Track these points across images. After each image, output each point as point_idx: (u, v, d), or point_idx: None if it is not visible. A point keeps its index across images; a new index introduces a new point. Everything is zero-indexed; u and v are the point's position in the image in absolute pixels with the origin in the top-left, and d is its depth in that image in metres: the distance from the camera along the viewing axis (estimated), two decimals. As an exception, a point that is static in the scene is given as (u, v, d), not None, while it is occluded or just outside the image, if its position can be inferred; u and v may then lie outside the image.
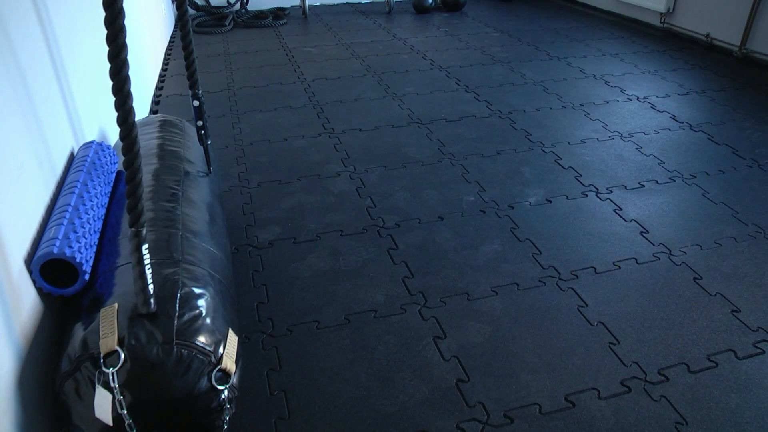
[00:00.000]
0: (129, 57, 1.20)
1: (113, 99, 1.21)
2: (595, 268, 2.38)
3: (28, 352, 1.52)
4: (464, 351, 1.98)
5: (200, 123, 2.25)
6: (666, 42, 5.54)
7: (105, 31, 1.16)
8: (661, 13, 5.82)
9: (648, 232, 2.62)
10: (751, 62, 4.89)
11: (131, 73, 1.23)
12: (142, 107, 3.81)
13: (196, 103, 2.19)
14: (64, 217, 1.67)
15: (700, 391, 1.82)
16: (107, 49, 1.17)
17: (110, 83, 1.19)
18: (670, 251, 2.49)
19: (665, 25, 5.83)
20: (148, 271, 1.41)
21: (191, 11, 6.77)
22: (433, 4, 7.08)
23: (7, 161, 1.57)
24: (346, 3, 7.61)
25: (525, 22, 6.41)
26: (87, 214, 1.77)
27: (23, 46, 1.81)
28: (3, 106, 1.60)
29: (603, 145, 3.42)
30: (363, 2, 7.65)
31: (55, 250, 1.53)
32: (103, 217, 1.91)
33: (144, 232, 1.39)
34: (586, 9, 7.06)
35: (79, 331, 1.45)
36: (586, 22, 6.38)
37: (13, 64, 1.71)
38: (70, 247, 1.58)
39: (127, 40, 1.19)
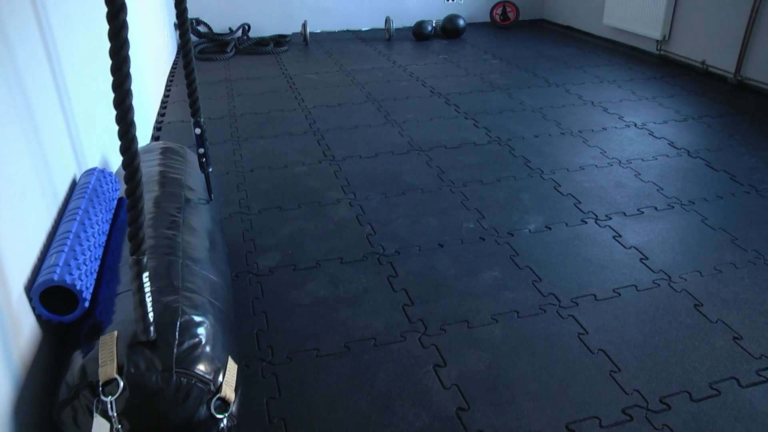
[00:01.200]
0: (132, 84, 1.22)
1: (116, 126, 1.22)
2: (595, 296, 2.38)
3: (26, 380, 1.51)
4: (464, 379, 1.97)
5: (201, 150, 2.27)
6: (663, 69, 5.60)
7: (109, 58, 1.18)
8: (657, 41, 5.89)
9: (648, 258, 2.62)
10: (746, 88, 4.94)
11: (134, 99, 1.24)
12: (144, 133, 3.83)
13: (197, 130, 2.21)
14: (65, 244, 1.68)
15: (703, 420, 1.81)
16: (111, 78, 1.19)
17: (113, 110, 1.20)
18: (670, 278, 2.49)
19: (661, 52, 5.90)
20: (148, 299, 1.42)
21: (194, 38, 6.84)
22: (433, 31, 7.16)
23: (11, 188, 1.57)
24: (347, 30, 7.69)
25: (523, 49, 6.48)
26: (88, 241, 1.78)
27: (29, 73, 1.84)
28: (8, 133, 1.61)
29: (602, 172, 3.44)
30: (363, 29, 7.74)
31: (56, 278, 1.54)
32: (104, 244, 1.91)
33: (145, 260, 1.39)
34: (583, 36, 7.14)
35: (78, 359, 1.44)
36: (583, 49, 6.45)
37: (19, 91, 1.73)
38: (71, 274, 1.58)
39: (131, 69, 1.21)
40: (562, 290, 2.41)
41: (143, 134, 3.81)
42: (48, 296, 1.61)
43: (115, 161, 2.85)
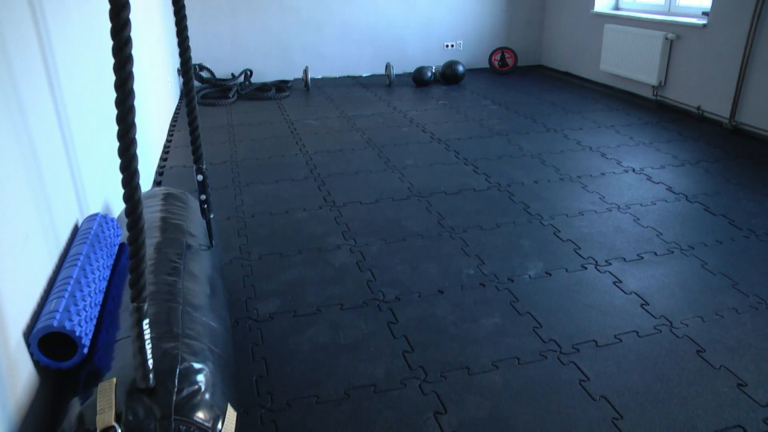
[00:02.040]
0: (136, 131, 1.24)
1: (119, 170, 1.24)
2: (596, 342, 2.37)
3: (22, 426, 1.50)
4: (465, 426, 1.95)
5: (203, 197, 2.29)
6: (659, 114, 5.68)
7: (113, 103, 1.21)
8: (654, 86, 5.98)
9: (648, 304, 2.62)
10: (740, 133, 5.00)
11: (138, 145, 1.26)
12: (146, 178, 3.87)
13: (200, 177, 2.23)
14: (66, 290, 1.68)
15: (707, 469, 1.78)
16: (116, 126, 1.21)
17: (116, 155, 1.22)
18: (672, 323, 2.48)
19: (658, 98, 5.99)
20: (148, 346, 1.41)
21: (196, 84, 6.95)
22: (433, 77, 7.27)
23: (14, 233, 1.59)
24: (348, 76, 7.82)
25: (522, 95, 6.58)
26: (89, 287, 1.78)
27: (35, 119, 1.87)
28: (13, 177, 1.63)
29: (601, 217, 3.45)
30: (364, 75, 7.86)
31: (55, 323, 1.54)
32: (104, 290, 1.91)
33: (145, 307, 1.39)
34: (581, 81, 7.25)
35: (75, 406, 1.43)
36: (581, 95, 6.54)
37: (25, 136, 1.76)
38: (70, 320, 1.58)
39: (136, 118, 1.23)
40: (563, 336, 2.40)
41: (145, 179, 3.85)
42: (47, 342, 1.61)
43: (118, 206, 2.87)
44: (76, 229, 2.16)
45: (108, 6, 1.14)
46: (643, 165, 4.29)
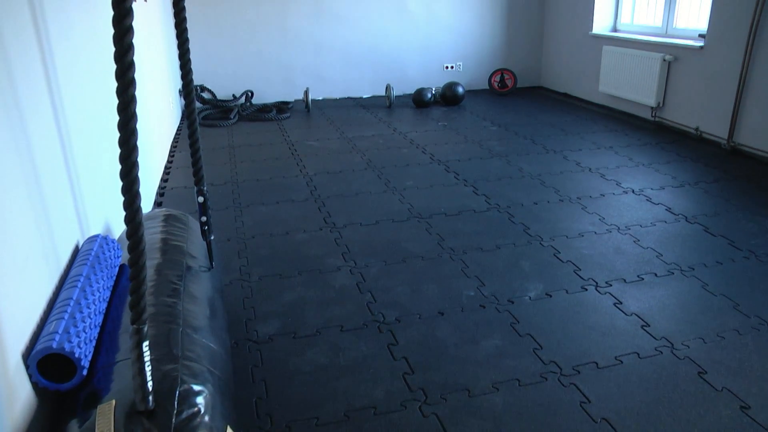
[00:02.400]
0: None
1: (119, 191, 1.25)
2: (597, 363, 2.36)
3: (21, 451, 1.49)
4: (466, 450, 1.94)
5: (204, 219, 2.29)
6: (658, 135, 5.70)
7: (116, 125, 1.22)
8: (652, 107, 6.02)
9: (649, 325, 2.61)
10: (739, 154, 5.02)
11: (139, 167, 1.27)
12: (147, 199, 3.88)
13: (200, 199, 2.24)
14: (66, 311, 1.68)
15: (710, 493, 1.77)
16: (119, 148, 1.22)
17: (117, 175, 1.23)
18: (673, 345, 2.47)
19: (656, 119, 6.02)
20: (148, 368, 1.41)
21: (198, 104, 6.99)
22: (432, 98, 7.32)
23: (15, 254, 1.59)
24: (348, 97, 7.87)
25: (521, 116, 6.61)
26: (88, 308, 1.78)
27: (38, 139, 1.88)
28: (15, 200, 1.64)
29: (601, 239, 3.46)
30: (364, 96, 7.91)
31: (55, 345, 1.54)
32: (104, 311, 1.91)
33: (145, 329, 1.39)
34: (580, 103, 7.30)
35: (74, 429, 1.43)
36: (580, 116, 6.58)
37: (28, 158, 1.77)
38: (70, 342, 1.58)
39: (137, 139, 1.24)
40: (564, 358, 2.40)
41: (146, 200, 3.86)
42: (46, 364, 1.60)
43: (118, 226, 2.87)
44: (76, 250, 2.16)
45: (111, 30, 1.15)
46: (642, 186, 4.30)
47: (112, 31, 1.15)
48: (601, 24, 6.96)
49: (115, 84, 1.18)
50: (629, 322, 2.64)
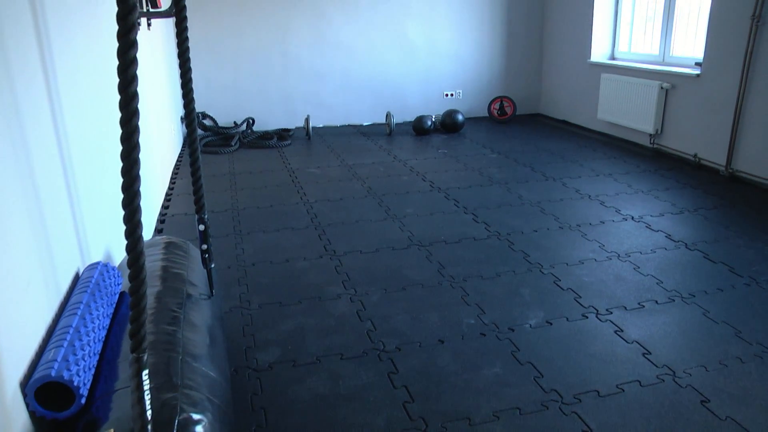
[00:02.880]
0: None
1: (121, 218, 1.25)
2: (598, 392, 2.34)
3: (17, 482, 1.48)
4: (467, 480, 1.92)
5: (204, 246, 2.30)
6: (657, 161, 5.73)
7: (119, 150, 1.23)
8: (650, 134, 6.06)
9: (650, 353, 2.60)
10: (737, 180, 5.04)
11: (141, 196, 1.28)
12: (148, 225, 3.88)
13: (201, 227, 2.25)
14: (65, 339, 1.68)
15: None
16: (120, 177, 1.23)
17: (119, 203, 1.24)
18: (675, 373, 2.46)
19: (655, 146, 6.06)
20: (147, 397, 1.40)
21: (199, 131, 7.04)
22: (432, 125, 7.37)
23: (15, 281, 1.59)
24: (349, 125, 7.92)
25: (521, 143, 6.65)
26: (88, 336, 1.78)
27: (41, 167, 1.89)
28: (17, 228, 1.64)
29: (601, 266, 3.45)
30: (365, 124, 7.96)
31: (53, 373, 1.53)
32: (103, 339, 1.91)
33: (145, 357, 1.39)
34: (579, 130, 7.34)
35: (72, 460, 1.42)
36: (579, 143, 6.62)
37: (31, 186, 1.78)
38: (69, 369, 1.57)
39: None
40: (565, 386, 2.38)
41: (147, 227, 3.86)
42: (44, 392, 1.59)
43: (119, 253, 2.88)
44: (77, 278, 2.16)
45: (116, 57, 1.17)
46: (642, 213, 4.31)
47: (116, 56, 1.16)
48: (599, 52, 7.04)
49: (119, 113, 1.19)
50: (630, 349, 2.63)
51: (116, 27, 1.15)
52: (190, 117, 2.15)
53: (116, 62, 1.17)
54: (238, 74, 7.41)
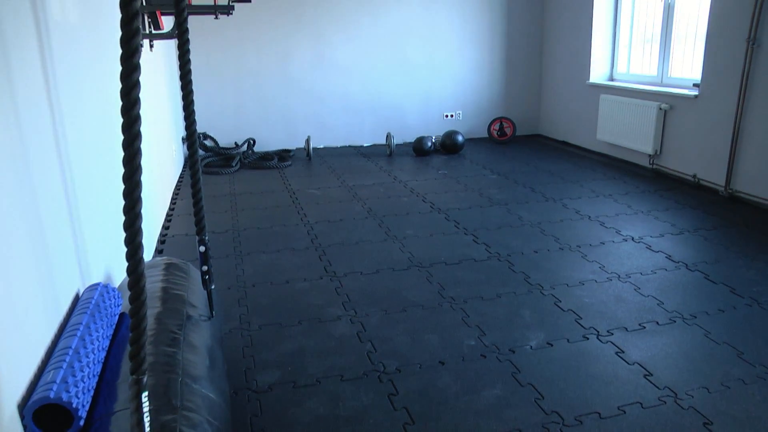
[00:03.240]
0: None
1: (121, 239, 1.26)
2: (599, 414, 2.33)
3: (14, 505, 1.47)
4: (468, 504, 1.90)
5: (205, 268, 2.30)
6: (656, 182, 5.75)
7: (120, 171, 1.23)
8: (650, 155, 6.08)
9: (652, 375, 2.59)
10: (737, 201, 5.06)
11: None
12: (148, 246, 3.89)
13: (202, 248, 2.25)
14: (64, 360, 1.67)
15: None
16: (121, 199, 1.24)
17: (119, 223, 1.24)
18: (676, 395, 2.44)
19: (654, 166, 6.08)
20: (147, 419, 1.40)
21: (200, 152, 7.07)
22: (433, 146, 7.40)
23: (15, 303, 1.59)
24: (349, 146, 7.95)
25: (521, 164, 6.67)
26: (87, 357, 1.77)
27: (43, 190, 1.90)
28: (18, 249, 1.65)
29: (601, 287, 3.45)
30: (365, 145, 8.00)
31: (52, 395, 1.52)
32: (102, 360, 1.90)
33: (145, 379, 1.38)
34: (578, 151, 7.37)
35: (70, 484, 1.41)
36: (579, 164, 6.64)
37: (33, 207, 1.78)
38: (68, 391, 1.57)
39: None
40: (566, 408, 2.37)
41: (147, 247, 3.87)
42: (42, 414, 1.59)
43: (119, 274, 2.88)
44: (77, 299, 2.16)
45: (119, 77, 1.19)
46: (642, 234, 4.31)
47: (118, 76, 1.18)
48: (598, 73, 7.09)
49: (121, 134, 1.20)
50: (631, 371, 2.62)
51: (119, 50, 1.17)
52: (192, 138, 2.16)
53: (119, 85, 1.18)
54: (240, 95, 7.46)
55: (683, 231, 4.36)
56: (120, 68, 1.17)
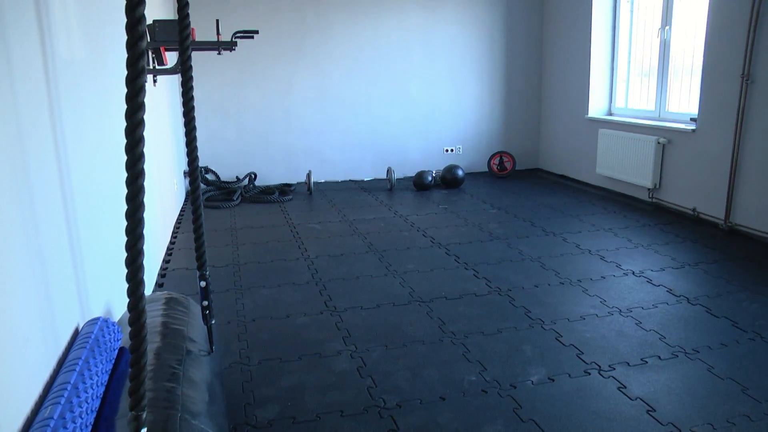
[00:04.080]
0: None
1: (122, 273, 1.26)
2: (603, 451, 2.31)
3: None
4: None
5: (205, 303, 2.30)
6: (656, 216, 5.76)
7: (122, 205, 1.24)
8: (649, 189, 6.11)
9: (655, 410, 2.56)
10: (737, 234, 5.06)
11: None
12: (148, 280, 3.88)
13: (202, 283, 2.25)
14: (62, 396, 1.66)
15: None
16: (123, 232, 1.25)
17: (120, 257, 1.25)
18: (680, 431, 2.42)
19: (654, 200, 6.10)
20: (145, 457, 1.39)
21: (201, 185, 7.09)
22: (433, 181, 7.43)
23: (14, 338, 1.59)
24: (350, 180, 7.99)
25: (521, 198, 6.70)
26: (86, 392, 1.76)
27: (46, 225, 1.91)
28: (20, 284, 1.65)
29: (603, 321, 3.44)
30: (366, 179, 8.04)
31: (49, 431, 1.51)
32: (101, 396, 1.89)
33: (144, 415, 1.38)
34: (578, 185, 7.40)
35: None
36: (579, 198, 6.66)
37: (36, 242, 1.79)
38: (65, 427, 1.55)
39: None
40: (569, 445, 2.35)
41: (148, 281, 3.86)
42: (39, 452, 1.57)
43: (119, 308, 2.87)
44: (76, 333, 2.16)
45: (122, 115, 1.20)
46: (642, 268, 4.31)
47: (122, 114, 1.19)
48: (596, 108, 7.16)
49: (123, 170, 1.22)
50: (634, 406, 2.60)
51: (124, 88, 1.19)
52: (194, 174, 2.18)
53: (123, 122, 1.20)
54: (241, 129, 7.52)
55: (684, 265, 4.36)
56: (125, 106, 1.19)
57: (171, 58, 5.09)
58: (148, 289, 3.85)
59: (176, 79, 6.29)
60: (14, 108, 1.73)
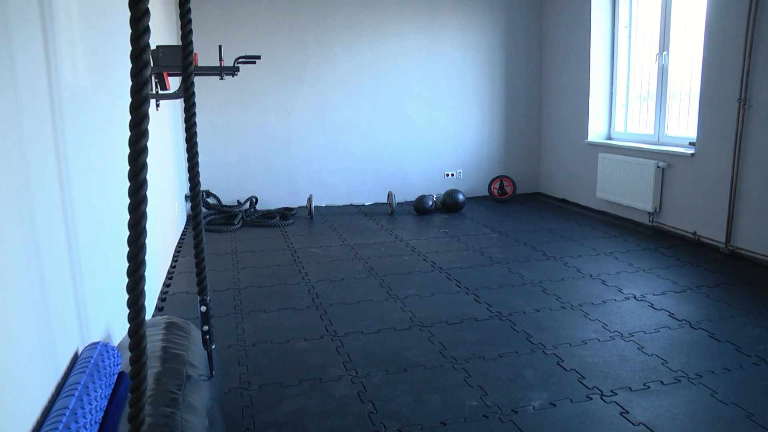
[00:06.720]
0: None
1: (122, 297, 1.26)
2: (606, 477, 2.28)
3: None
4: None
5: (206, 328, 2.30)
6: (656, 240, 5.76)
7: (122, 232, 1.25)
8: (649, 213, 6.12)
9: (658, 437, 2.54)
10: (738, 258, 5.06)
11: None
12: (149, 305, 3.87)
13: (203, 308, 2.25)
14: (60, 422, 1.65)
15: None
16: (123, 256, 1.25)
17: (120, 282, 1.25)
18: (683, 458, 2.40)
19: (654, 224, 6.10)
20: (143, 485, 1.37)
21: (202, 210, 7.11)
22: (434, 205, 7.44)
23: (12, 363, 1.58)
24: (351, 204, 8.00)
25: (521, 223, 6.70)
26: (84, 418, 1.75)
27: (47, 248, 1.91)
28: (20, 309, 1.65)
29: (604, 346, 3.42)
30: (366, 204, 8.05)
31: (48, 460, 1.50)
32: (100, 421, 1.88)
33: (143, 442, 1.37)
34: (578, 209, 7.41)
35: None
36: (579, 222, 6.67)
37: (36, 266, 1.80)
38: (64, 455, 1.54)
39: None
40: (572, 472, 2.32)
41: (148, 306, 3.85)
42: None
43: (119, 332, 2.86)
44: (75, 357, 2.15)
45: (125, 141, 1.22)
46: (644, 292, 4.30)
47: (125, 138, 1.21)
48: (596, 132, 7.20)
49: (126, 195, 1.23)
50: (637, 433, 2.58)
51: (127, 113, 1.20)
52: (196, 200, 2.20)
53: (126, 146, 1.21)
54: (243, 153, 7.56)
55: (685, 289, 4.35)
56: (128, 132, 1.21)
57: (174, 83, 5.14)
58: (149, 313, 3.84)
59: (178, 102, 6.34)
60: (19, 133, 1.75)
